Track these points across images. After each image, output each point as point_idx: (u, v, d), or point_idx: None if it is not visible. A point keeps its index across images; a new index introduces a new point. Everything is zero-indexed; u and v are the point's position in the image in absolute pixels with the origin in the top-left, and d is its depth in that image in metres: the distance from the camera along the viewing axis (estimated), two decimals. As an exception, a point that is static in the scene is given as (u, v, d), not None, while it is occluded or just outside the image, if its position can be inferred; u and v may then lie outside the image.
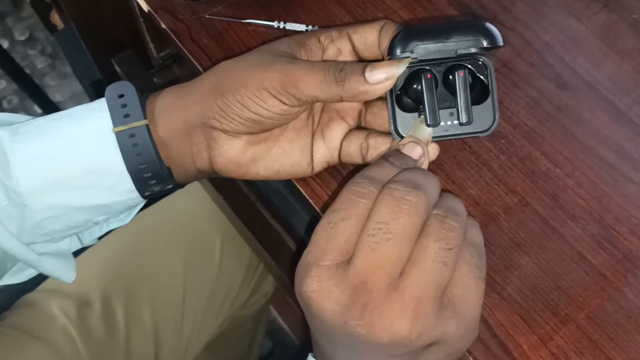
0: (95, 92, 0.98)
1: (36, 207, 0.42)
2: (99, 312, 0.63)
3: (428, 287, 0.32)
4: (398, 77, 0.39)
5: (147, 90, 0.68)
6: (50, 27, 1.11)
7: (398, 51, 0.39)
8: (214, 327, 0.74)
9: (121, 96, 0.43)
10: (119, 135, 0.42)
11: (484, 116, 0.41)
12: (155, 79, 0.70)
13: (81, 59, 0.87)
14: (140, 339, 0.65)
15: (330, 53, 0.43)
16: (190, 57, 0.53)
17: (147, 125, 0.42)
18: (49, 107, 1.37)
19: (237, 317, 0.80)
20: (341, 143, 0.44)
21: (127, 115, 0.42)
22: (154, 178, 0.43)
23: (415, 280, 0.32)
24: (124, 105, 0.42)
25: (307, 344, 0.39)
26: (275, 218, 0.56)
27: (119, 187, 0.43)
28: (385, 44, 0.41)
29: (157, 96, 0.44)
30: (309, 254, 0.33)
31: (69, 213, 0.44)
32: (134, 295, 0.65)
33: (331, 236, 0.33)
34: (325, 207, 0.46)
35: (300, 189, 0.47)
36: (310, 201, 0.46)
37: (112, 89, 0.43)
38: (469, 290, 0.33)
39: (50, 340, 0.61)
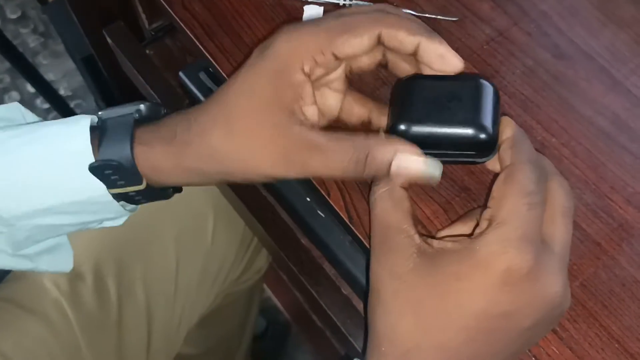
0: (86, 68, 0.97)
1: (24, 227, 0.43)
2: (91, 284, 0.62)
3: None
4: None
5: (139, 62, 0.67)
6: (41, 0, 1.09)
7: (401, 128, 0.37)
8: (206, 302, 0.73)
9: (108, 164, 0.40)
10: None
11: None
12: (147, 51, 0.69)
13: (72, 33, 0.85)
14: (132, 312, 0.64)
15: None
16: (182, 25, 0.52)
17: (133, 160, 0.40)
18: (42, 85, 1.35)
19: (230, 293, 0.80)
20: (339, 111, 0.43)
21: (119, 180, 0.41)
22: (143, 198, 0.43)
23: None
24: (114, 174, 0.40)
25: (301, 322, 0.38)
26: (268, 189, 0.56)
27: (107, 209, 0.43)
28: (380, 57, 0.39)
29: (149, 151, 0.40)
30: None
31: (58, 228, 0.45)
32: (126, 268, 0.65)
33: None
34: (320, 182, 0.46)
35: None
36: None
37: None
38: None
39: (42, 312, 0.60)
